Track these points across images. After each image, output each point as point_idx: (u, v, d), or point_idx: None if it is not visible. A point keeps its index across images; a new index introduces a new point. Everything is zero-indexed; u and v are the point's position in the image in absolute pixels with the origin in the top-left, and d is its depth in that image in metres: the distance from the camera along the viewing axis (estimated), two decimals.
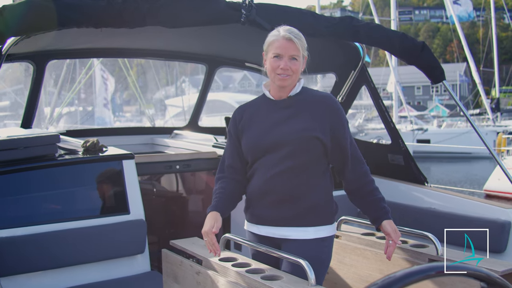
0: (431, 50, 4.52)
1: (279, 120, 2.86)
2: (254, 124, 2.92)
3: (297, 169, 2.80)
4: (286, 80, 2.82)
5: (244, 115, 2.99)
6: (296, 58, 2.81)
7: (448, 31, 60.03)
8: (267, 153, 2.84)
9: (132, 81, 14.61)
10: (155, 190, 5.81)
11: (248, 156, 2.92)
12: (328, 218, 2.89)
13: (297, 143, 2.79)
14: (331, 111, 2.87)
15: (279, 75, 2.81)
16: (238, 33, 4.53)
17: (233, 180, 2.97)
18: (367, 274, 3.28)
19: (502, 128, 27.71)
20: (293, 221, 2.83)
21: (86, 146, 4.02)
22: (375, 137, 21.45)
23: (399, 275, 1.31)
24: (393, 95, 33.16)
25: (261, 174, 2.86)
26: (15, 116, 17.95)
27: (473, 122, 4.76)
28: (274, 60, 2.82)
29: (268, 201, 2.85)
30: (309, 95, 2.92)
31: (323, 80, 16.98)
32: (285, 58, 2.80)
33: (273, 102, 2.93)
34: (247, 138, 2.92)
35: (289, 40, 2.80)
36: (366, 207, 2.99)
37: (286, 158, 2.80)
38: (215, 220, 2.84)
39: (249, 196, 2.97)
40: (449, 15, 28.56)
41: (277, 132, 2.83)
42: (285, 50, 2.80)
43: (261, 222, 2.92)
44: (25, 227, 3.48)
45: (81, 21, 3.30)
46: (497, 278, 1.47)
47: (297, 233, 2.83)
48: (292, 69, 2.80)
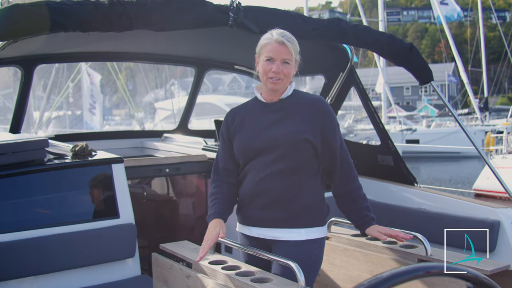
0: (419, 50, 4.54)
1: (271, 123, 2.87)
2: (246, 126, 2.94)
3: (289, 171, 2.81)
4: (277, 84, 2.83)
5: (236, 117, 3.00)
6: (288, 62, 2.83)
7: (436, 31, 60.34)
8: (259, 155, 2.85)
9: (121, 85, 14.56)
10: (145, 193, 5.80)
11: (239, 158, 2.94)
12: (319, 219, 2.90)
13: (288, 145, 2.80)
14: (322, 114, 2.88)
15: (271, 79, 2.82)
16: (227, 36, 4.53)
17: (228, 183, 2.99)
18: (357, 275, 3.29)
19: (491, 127, 27.88)
20: (284, 223, 2.84)
21: (75, 150, 4.00)
22: (365, 138, 21.55)
23: (386, 276, 1.31)
24: (382, 96, 33.27)
25: (253, 176, 2.87)
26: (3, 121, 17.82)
27: (461, 122, 4.78)
28: (266, 64, 2.83)
29: (259, 203, 2.86)
30: (300, 97, 2.93)
31: (312, 82, 17.01)
32: (277, 61, 2.81)
33: (265, 105, 2.94)
34: (239, 141, 2.93)
35: (281, 44, 2.81)
36: (351, 215, 3.03)
37: (278, 160, 2.81)
38: (221, 227, 2.86)
39: (241, 198, 2.98)
40: (436, 16, 28.71)
41: (269, 135, 2.84)
42: (277, 54, 2.81)
43: (253, 223, 2.93)
44: (14, 232, 3.46)
45: (68, 25, 3.29)
46: (484, 278, 1.48)
47: (289, 234, 2.84)
48: (284, 73, 2.81)
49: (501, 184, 4.38)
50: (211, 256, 2.96)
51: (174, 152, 5.55)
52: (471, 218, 4.25)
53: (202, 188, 5.41)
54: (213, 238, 2.81)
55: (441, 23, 28.12)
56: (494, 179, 4.50)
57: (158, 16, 3.50)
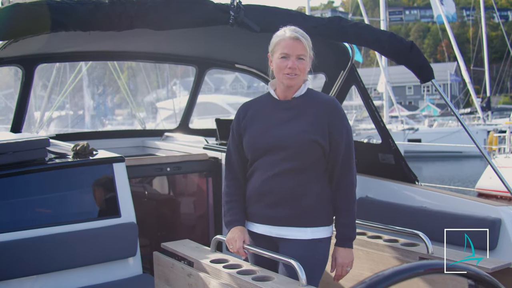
0: (421, 49, 4.53)
1: (281, 121, 2.87)
2: (257, 122, 2.94)
3: (296, 171, 2.80)
4: (293, 79, 2.83)
5: (248, 112, 3.00)
6: (303, 57, 2.83)
7: (438, 31, 60.31)
8: (266, 153, 2.86)
9: (122, 84, 14.55)
10: (146, 193, 5.80)
11: (248, 155, 2.95)
12: (325, 219, 2.90)
13: (296, 146, 2.80)
14: (332, 115, 2.87)
15: (288, 75, 2.82)
16: (228, 35, 4.53)
17: (240, 180, 3.01)
18: (358, 273, 3.29)
19: (493, 127, 27.83)
20: (291, 221, 2.84)
21: (76, 149, 4.00)
22: (366, 137, 21.53)
23: (387, 273, 1.31)
24: (384, 95, 33.24)
25: (260, 174, 2.87)
26: (4, 120, 17.84)
27: (463, 121, 4.77)
28: (281, 61, 2.83)
29: (266, 201, 2.87)
30: (313, 97, 2.93)
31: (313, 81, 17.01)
32: (293, 57, 2.81)
33: (278, 102, 2.94)
34: (248, 136, 2.93)
35: (296, 40, 2.81)
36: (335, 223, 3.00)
37: (285, 160, 2.81)
38: (243, 234, 2.91)
39: (248, 195, 2.97)
40: (436, 15, 28.67)
41: (277, 134, 2.84)
42: (292, 50, 2.81)
43: (259, 220, 2.93)
44: (15, 231, 3.46)
45: (68, 24, 3.29)
46: (485, 276, 1.48)
47: (294, 232, 2.84)
48: (300, 68, 2.82)
49: (503, 183, 4.37)
50: (213, 255, 2.96)
51: (175, 151, 5.55)
52: (472, 216, 4.24)
53: (203, 187, 5.41)
54: (241, 250, 2.89)
55: (441, 22, 28.08)
56: (497, 178, 4.48)
57: (158, 15, 3.50)
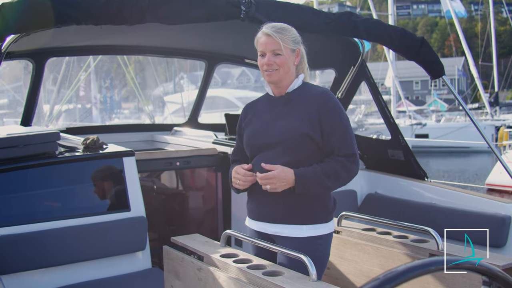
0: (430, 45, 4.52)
1: (274, 118, 2.87)
2: (253, 121, 2.96)
3: (291, 166, 2.78)
4: (272, 75, 2.83)
5: (248, 113, 3.03)
6: (279, 52, 2.81)
7: (446, 25, 59.98)
8: (262, 150, 2.87)
9: (130, 78, 14.60)
10: (155, 187, 5.82)
11: (247, 152, 2.96)
12: (323, 216, 2.85)
13: (287, 141, 2.78)
14: (323, 106, 2.79)
15: (266, 71, 2.84)
16: (238, 30, 4.52)
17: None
18: (368, 269, 3.29)
19: (500, 122, 27.73)
20: (285, 219, 2.82)
21: (86, 143, 4.02)
22: (375, 132, 21.49)
23: (401, 270, 1.31)
24: (391, 90, 33.13)
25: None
26: (14, 113, 17.91)
27: (472, 116, 4.75)
28: (259, 59, 2.88)
29: (262, 198, 2.86)
30: (307, 91, 2.89)
31: (322, 75, 16.96)
32: (268, 54, 2.82)
33: (273, 99, 2.94)
34: (246, 136, 2.96)
35: (267, 36, 2.81)
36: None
37: (280, 155, 2.80)
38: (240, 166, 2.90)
39: (248, 192, 2.98)
40: (445, 10, 28.54)
41: (269, 131, 2.85)
42: (264, 46, 2.83)
43: (257, 217, 2.93)
44: (26, 225, 3.48)
45: (80, 18, 3.30)
46: (498, 272, 1.48)
47: (290, 230, 2.81)
48: (277, 63, 2.80)
49: None
50: (222, 249, 2.97)
51: (184, 145, 5.56)
52: (481, 213, 4.24)
53: (212, 181, 5.42)
54: (246, 173, 2.85)
55: (449, 17, 27.95)
56: (507, 173, 4.47)
57: (169, 10, 3.51)
